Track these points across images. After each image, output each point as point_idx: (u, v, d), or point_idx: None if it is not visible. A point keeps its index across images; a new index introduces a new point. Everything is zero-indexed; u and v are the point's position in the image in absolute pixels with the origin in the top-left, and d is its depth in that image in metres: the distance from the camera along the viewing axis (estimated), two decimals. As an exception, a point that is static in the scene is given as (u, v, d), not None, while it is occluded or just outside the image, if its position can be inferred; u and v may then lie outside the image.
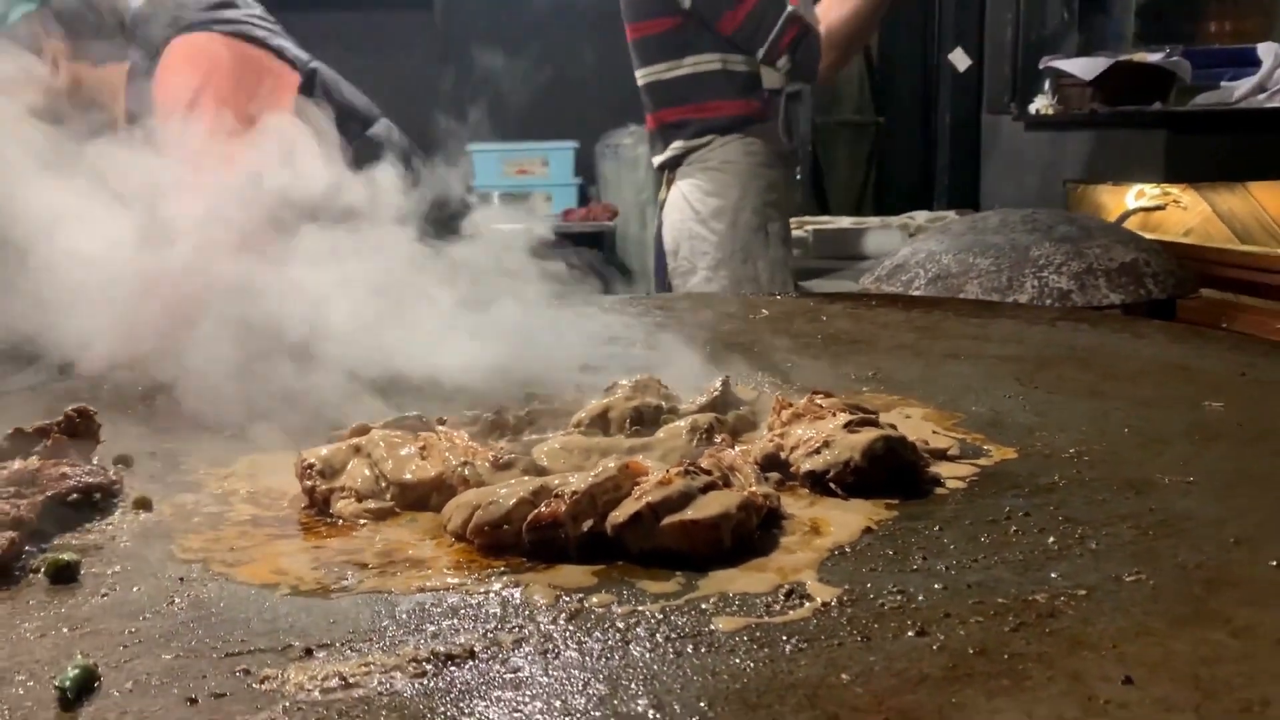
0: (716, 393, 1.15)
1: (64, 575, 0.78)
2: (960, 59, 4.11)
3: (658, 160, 2.90)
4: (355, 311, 1.28)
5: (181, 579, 0.79)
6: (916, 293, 2.23)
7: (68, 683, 0.61)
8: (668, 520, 0.80)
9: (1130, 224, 3.67)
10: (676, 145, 2.78)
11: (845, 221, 3.90)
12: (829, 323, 1.62)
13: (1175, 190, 3.51)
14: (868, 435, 0.94)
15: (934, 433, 1.10)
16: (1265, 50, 3.22)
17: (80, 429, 0.98)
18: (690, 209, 2.76)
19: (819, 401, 1.04)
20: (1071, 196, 3.80)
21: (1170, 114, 3.13)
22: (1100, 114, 3.30)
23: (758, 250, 2.77)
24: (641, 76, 2.80)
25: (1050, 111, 3.65)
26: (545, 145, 5.52)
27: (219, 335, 1.21)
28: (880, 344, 1.49)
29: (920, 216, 3.99)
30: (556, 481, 0.84)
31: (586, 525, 0.81)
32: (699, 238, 2.74)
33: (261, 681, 0.63)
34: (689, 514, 0.80)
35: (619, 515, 0.80)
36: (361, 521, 0.91)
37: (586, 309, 1.67)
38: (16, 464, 0.89)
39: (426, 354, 1.27)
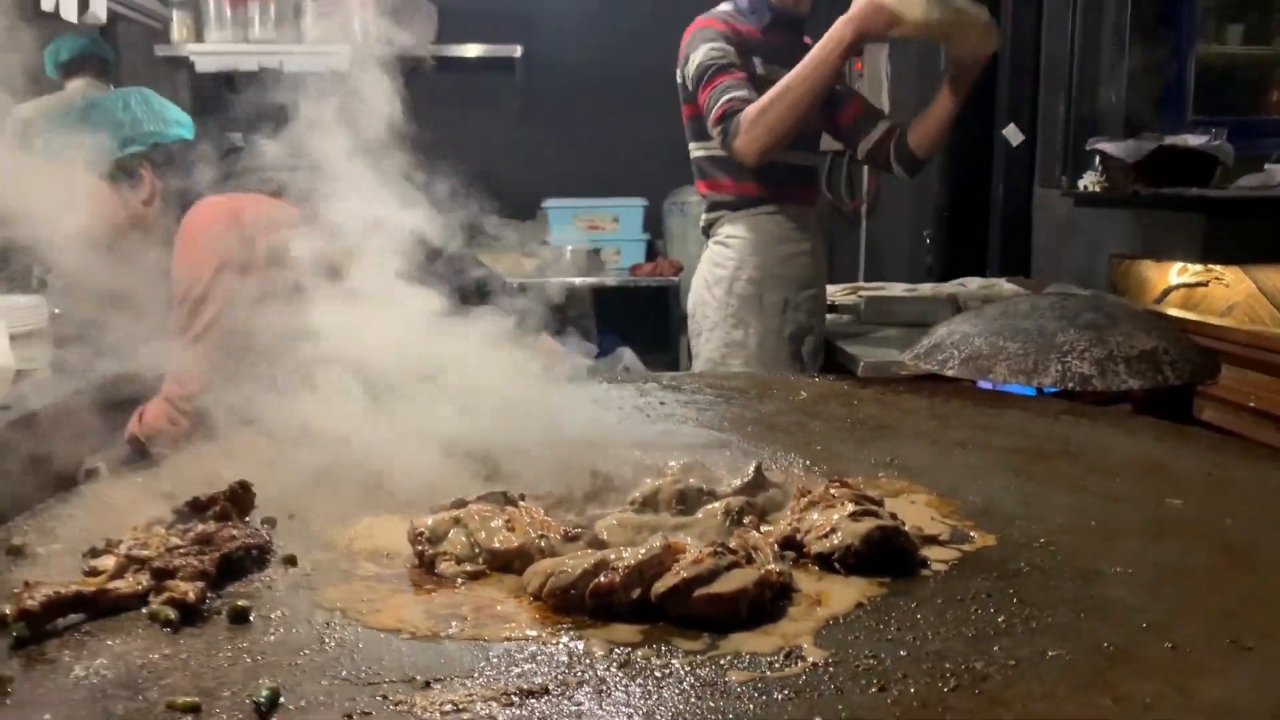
0: (749, 477, 1.38)
1: (240, 617, 1.04)
2: (1014, 134, 4.30)
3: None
4: (448, 397, 1.53)
5: (328, 623, 1.04)
6: (950, 372, 2.43)
7: (261, 699, 0.86)
8: (698, 592, 1.03)
9: (1172, 299, 3.83)
10: (704, 216, 3.15)
11: (898, 289, 4.11)
12: (859, 408, 1.84)
13: (1218, 267, 3.66)
14: (867, 524, 1.16)
15: (931, 519, 1.31)
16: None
17: (240, 498, 1.24)
18: (703, 275, 3.12)
19: (833, 490, 1.26)
20: (1117, 270, 3.97)
21: (1208, 199, 3.30)
22: (1142, 195, 3.48)
23: (749, 318, 3.03)
24: (689, 149, 3.16)
25: (1097, 189, 3.83)
26: (616, 201, 5.82)
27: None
28: (902, 430, 1.71)
29: (972, 284, 4.18)
30: (613, 556, 1.07)
31: (635, 593, 1.04)
32: (705, 303, 3.09)
33: (396, 705, 0.87)
34: (715, 588, 1.03)
35: (660, 586, 1.03)
36: (460, 580, 1.15)
37: (646, 386, 1.92)
38: (198, 527, 1.15)
39: (508, 434, 1.51)
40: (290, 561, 1.19)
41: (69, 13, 4.06)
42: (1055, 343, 2.44)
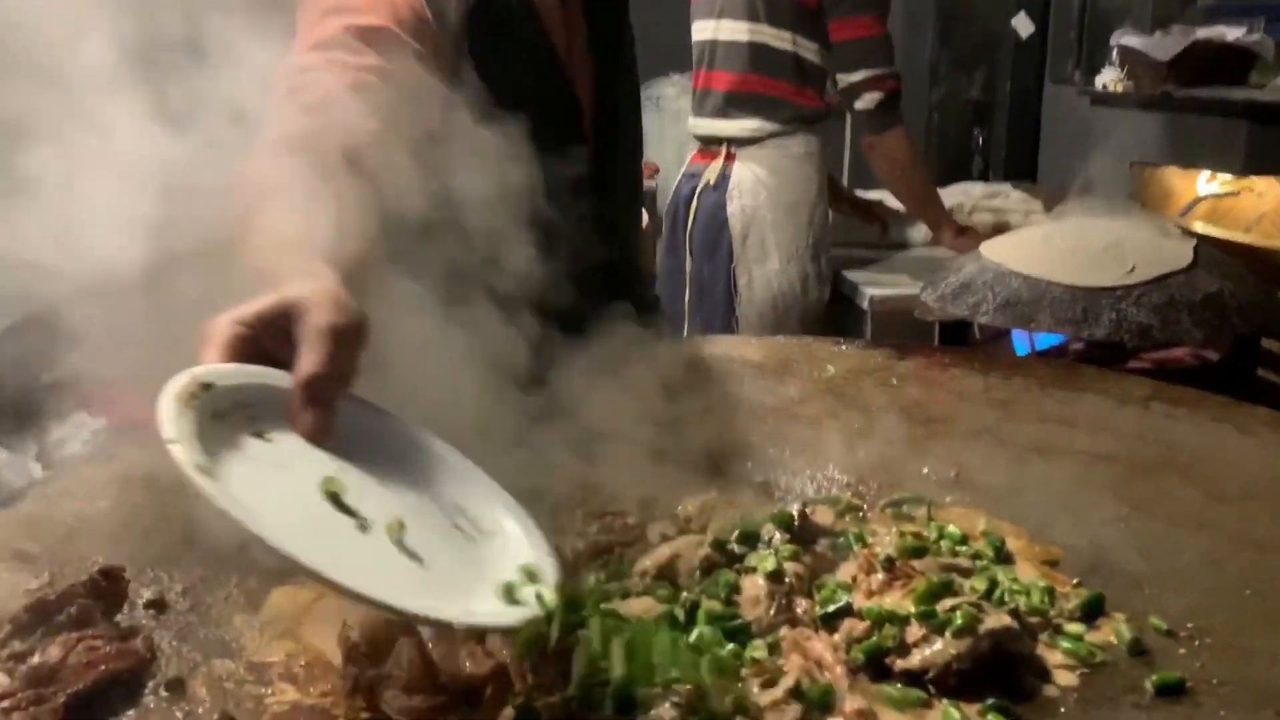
0: (793, 522, 1.05)
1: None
2: (1023, 24, 3.90)
3: (720, 131, 2.82)
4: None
5: (217, 826, 0.71)
6: (984, 320, 2.10)
7: None
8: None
9: (1198, 211, 3.50)
10: (753, 124, 2.73)
11: (892, 200, 3.75)
12: (901, 389, 1.51)
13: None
14: (973, 635, 0.84)
15: (1032, 588, 0.99)
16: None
17: (108, 591, 0.90)
18: (766, 195, 2.72)
19: (913, 566, 0.94)
20: (1137, 178, 3.63)
21: (1255, 103, 2.94)
22: (1175, 97, 3.12)
23: (822, 250, 2.73)
24: (747, 31, 2.72)
25: (1119, 88, 3.46)
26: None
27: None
28: (959, 426, 1.38)
29: (976, 190, 3.82)
30: None
31: (666, 780, 0.72)
32: (777, 230, 2.70)
33: None
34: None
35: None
36: None
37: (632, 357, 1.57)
38: (36, 657, 0.81)
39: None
40: (175, 688, 0.86)
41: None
42: (1107, 285, 2.12)
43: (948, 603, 0.88)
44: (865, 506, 1.18)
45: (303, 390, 0.83)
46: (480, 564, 0.86)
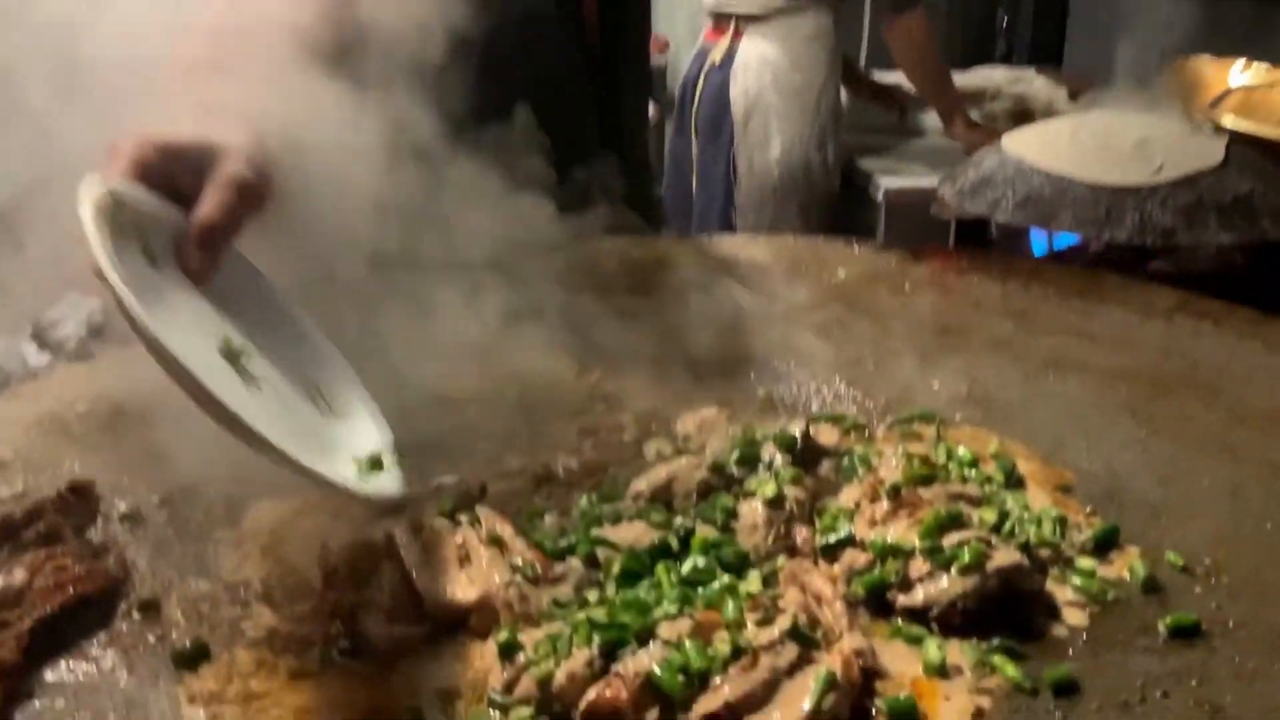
0: (796, 444, 1.01)
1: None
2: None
3: (729, 5, 2.70)
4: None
5: (186, 763, 0.69)
6: (1002, 218, 2.02)
7: None
8: (750, 723, 0.68)
9: (1228, 103, 3.36)
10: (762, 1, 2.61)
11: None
12: (914, 297, 1.45)
13: (1291, 66, 3.19)
14: (979, 572, 0.80)
15: (1044, 516, 0.95)
16: None
17: (77, 507, 0.86)
18: (772, 76, 2.60)
19: (919, 494, 0.90)
20: (1168, 65, 3.48)
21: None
22: (1216, -20, 2.96)
23: (829, 137, 2.62)
24: None
25: (1154, -31, 3.29)
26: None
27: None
28: (974, 337, 1.33)
29: (998, 75, 3.68)
30: (620, 659, 0.71)
31: (652, 718, 0.69)
32: (781, 114, 2.59)
33: None
34: (775, 717, 0.68)
35: (694, 715, 0.68)
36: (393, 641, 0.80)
37: (632, 257, 1.50)
38: (0, 580, 0.78)
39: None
40: (148, 609, 0.83)
41: None
42: (1132, 184, 2.03)
43: (954, 537, 0.84)
44: (872, 424, 1.13)
45: (200, 231, 0.83)
46: (335, 443, 0.88)
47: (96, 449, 1.03)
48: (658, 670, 0.69)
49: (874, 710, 0.73)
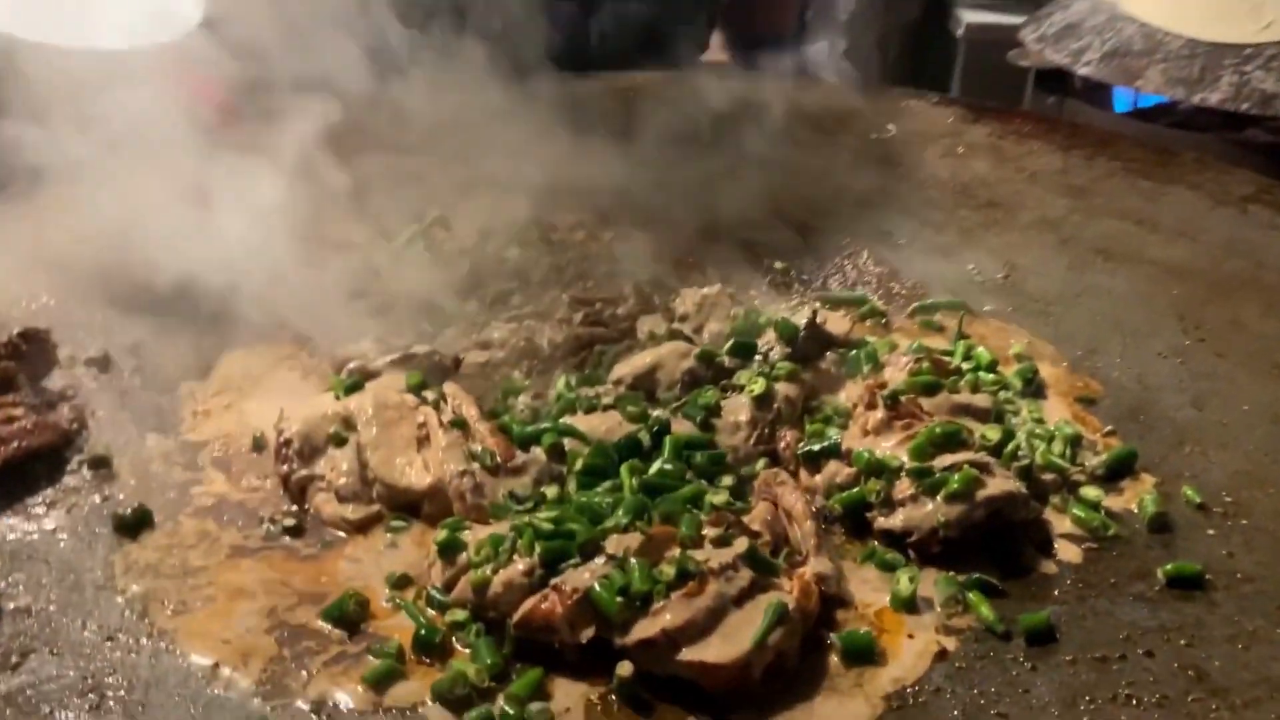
0: (799, 332, 0.93)
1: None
2: None
3: None
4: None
5: (111, 640, 0.67)
6: (1085, 70, 1.84)
7: None
8: (687, 655, 0.64)
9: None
10: None
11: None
12: (965, 161, 1.33)
13: None
14: (966, 500, 0.74)
15: (1059, 432, 0.87)
16: None
17: (31, 354, 0.83)
18: None
19: (920, 405, 0.83)
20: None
21: None
22: None
23: None
24: None
25: None
26: None
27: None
28: (1021, 213, 1.22)
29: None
30: (560, 572, 0.67)
31: (587, 634, 0.65)
32: None
33: None
34: (711, 653, 0.64)
35: (630, 638, 0.64)
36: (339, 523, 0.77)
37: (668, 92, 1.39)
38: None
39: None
40: (99, 465, 0.81)
41: None
42: (1234, 43, 1.83)
43: (949, 458, 0.77)
44: (891, 311, 1.05)
45: None
46: None
47: (72, 285, 0.98)
48: (596, 588, 0.65)
49: (828, 643, 0.68)
